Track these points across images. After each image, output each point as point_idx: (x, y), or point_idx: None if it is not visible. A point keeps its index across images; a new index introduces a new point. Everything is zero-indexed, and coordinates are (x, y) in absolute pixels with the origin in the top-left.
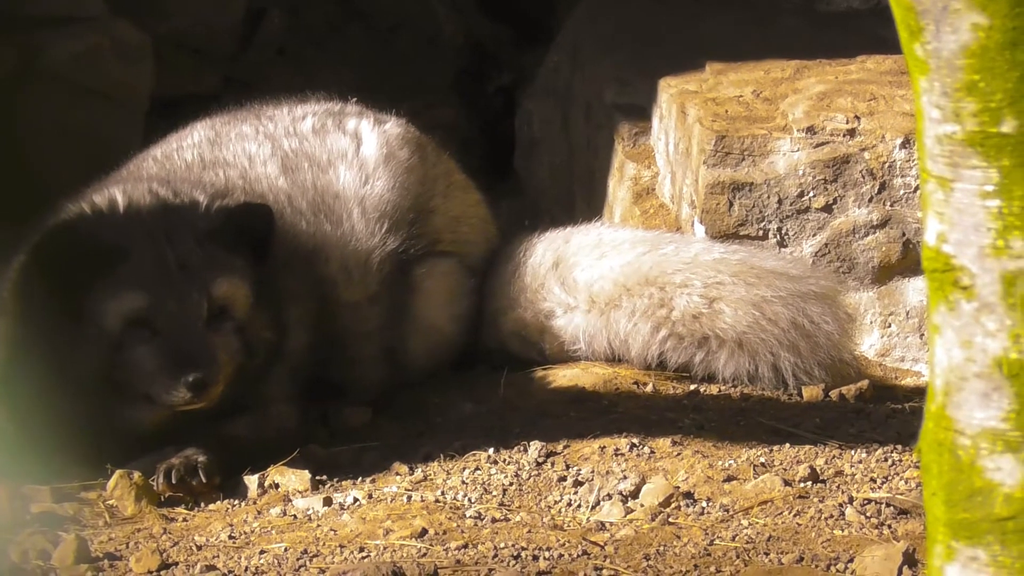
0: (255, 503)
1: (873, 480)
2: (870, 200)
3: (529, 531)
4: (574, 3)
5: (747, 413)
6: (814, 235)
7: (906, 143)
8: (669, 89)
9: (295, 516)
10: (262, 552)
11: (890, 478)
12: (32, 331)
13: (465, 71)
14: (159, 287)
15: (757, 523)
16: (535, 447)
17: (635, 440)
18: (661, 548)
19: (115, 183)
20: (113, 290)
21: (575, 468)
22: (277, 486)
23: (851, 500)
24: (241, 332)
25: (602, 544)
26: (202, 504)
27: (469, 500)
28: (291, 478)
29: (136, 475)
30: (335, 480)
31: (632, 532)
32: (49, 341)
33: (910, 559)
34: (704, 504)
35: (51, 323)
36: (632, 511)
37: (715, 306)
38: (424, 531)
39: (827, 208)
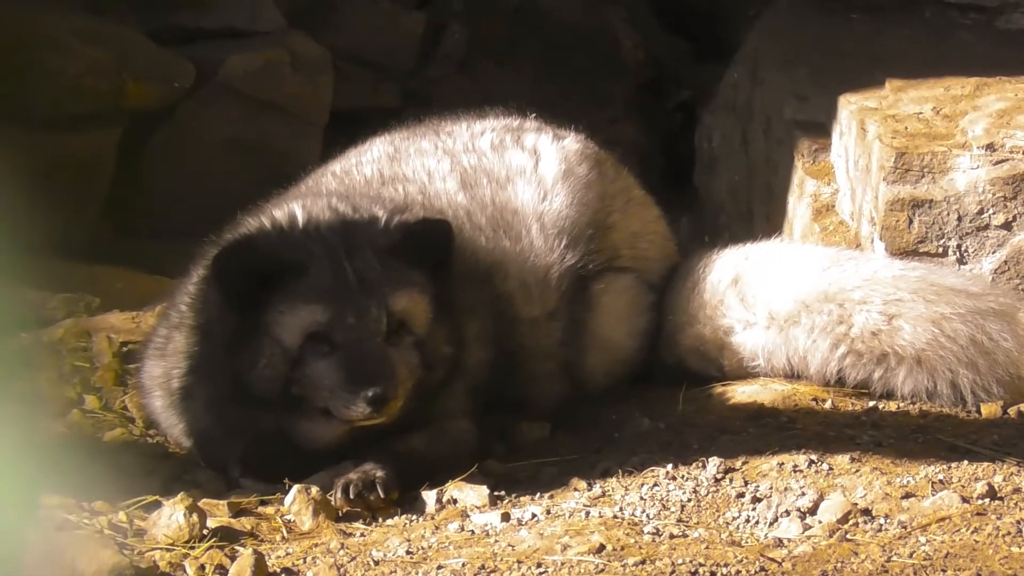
0: (433, 518)
1: None
2: None
3: (707, 547)
4: (753, 19)
5: (925, 430)
6: (994, 252)
7: None
8: (849, 105)
9: (473, 531)
10: (439, 568)
11: None
12: (210, 346)
13: (644, 87)
14: (338, 302)
15: (935, 540)
16: (713, 463)
17: (813, 456)
18: (839, 565)
19: (294, 198)
20: (292, 305)
21: (753, 484)
22: (455, 501)
23: None
24: (420, 347)
25: (779, 560)
26: (380, 519)
27: (647, 516)
28: (469, 493)
29: (314, 490)
30: (513, 495)
31: (810, 548)
32: (227, 356)
33: None
34: (882, 521)
35: (229, 337)
36: (810, 527)
37: (894, 323)
38: (602, 547)
39: (1007, 225)
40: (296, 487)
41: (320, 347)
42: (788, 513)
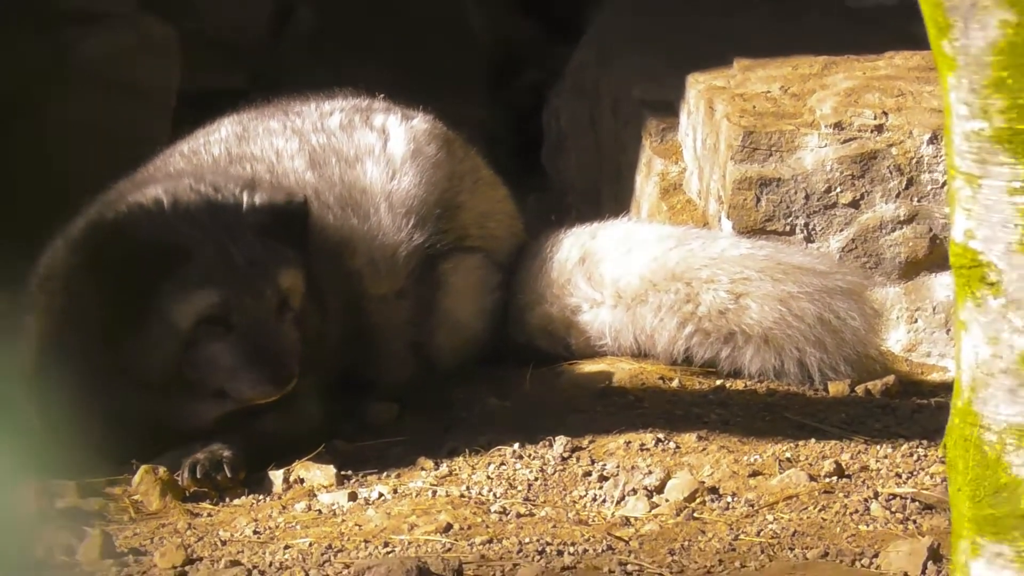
0: (280, 498)
1: (898, 475)
2: (897, 196)
3: (554, 526)
4: (603, 1)
5: (773, 408)
6: (841, 231)
7: (934, 139)
8: (697, 85)
9: (320, 511)
10: (287, 547)
11: (915, 473)
12: (78, 331)
13: (494, 68)
14: (231, 283)
15: (782, 518)
16: (560, 442)
17: (661, 435)
18: (686, 543)
19: (150, 181)
20: (183, 289)
21: (600, 463)
22: (302, 481)
23: (876, 495)
24: (298, 323)
25: (627, 539)
26: (227, 499)
27: (494, 495)
28: (316, 473)
29: (161, 470)
30: (360, 475)
31: (657, 527)
32: (102, 342)
33: (935, 554)
34: (729, 499)
35: (106, 325)
36: (657, 506)
37: (741, 302)
38: (449, 526)
39: (854, 204)
40: (143, 468)
41: (215, 329)
42: (635, 492)
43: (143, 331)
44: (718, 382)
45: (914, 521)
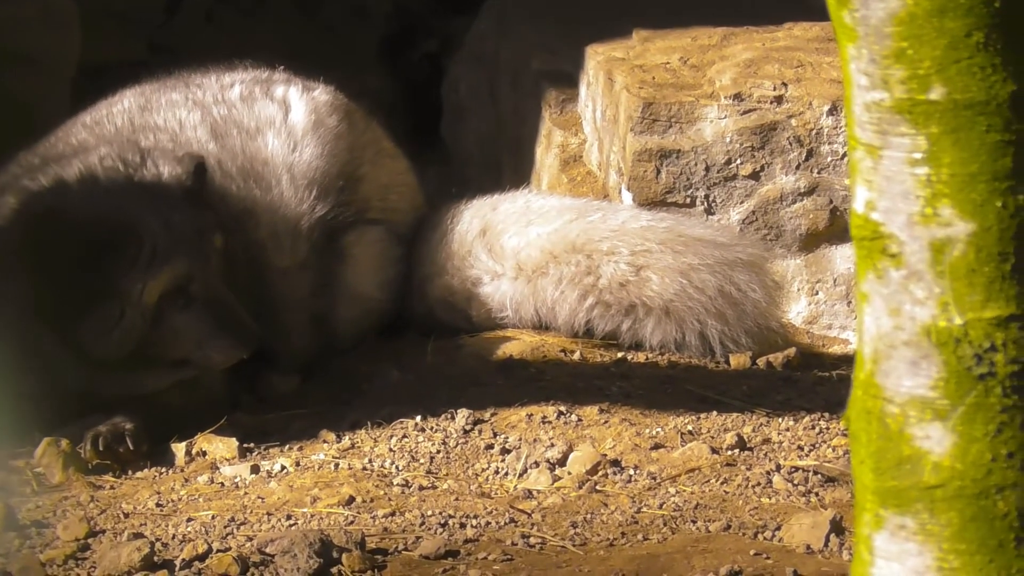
0: (182, 471)
1: (800, 448)
2: (797, 167)
3: (456, 499)
4: None
5: (674, 381)
6: (741, 203)
7: (833, 110)
8: (596, 56)
9: (222, 484)
10: (189, 520)
11: (818, 446)
12: (9, 311)
13: (392, 38)
14: (187, 253)
15: (684, 491)
16: (462, 415)
17: (562, 408)
18: (588, 516)
19: (58, 154)
20: (142, 266)
21: (502, 436)
22: (204, 454)
23: (778, 468)
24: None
25: (529, 512)
26: (130, 472)
27: (396, 468)
28: (218, 446)
29: (63, 442)
30: (262, 448)
31: (559, 500)
32: (32, 320)
33: (837, 527)
34: (631, 472)
35: (44, 304)
36: (559, 479)
37: (642, 274)
38: (351, 499)
39: (754, 175)
40: (45, 440)
41: (176, 301)
42: (537, 464)
43: (96, 310)
44: (619, 355)
45: (816, 494)
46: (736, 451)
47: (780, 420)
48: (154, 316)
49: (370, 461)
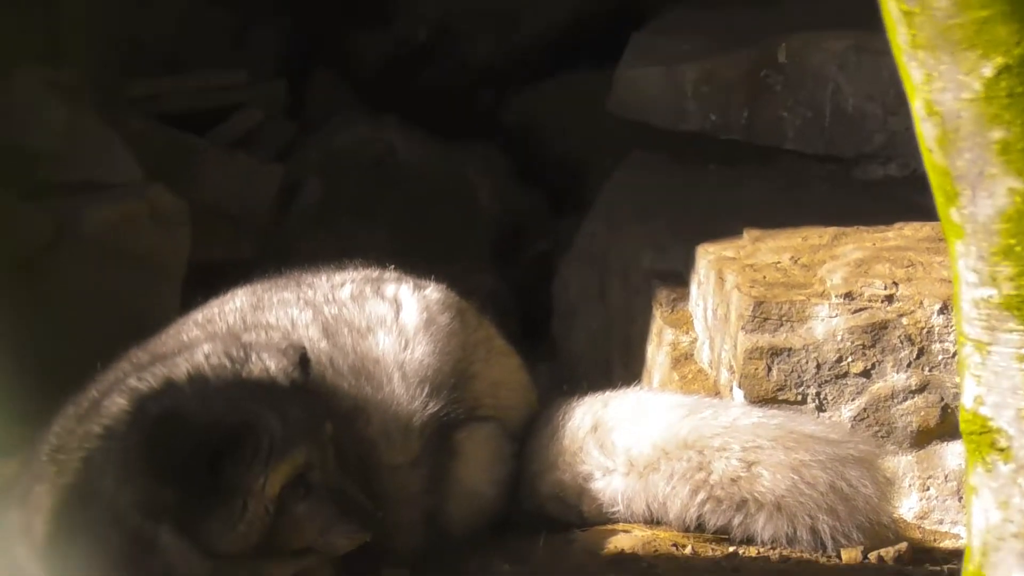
0: None
1: None
2: (908, 365)
3: None
4: (610, 171)
5: (786, 575)
6: (853, 400)
7: (944, 309)
8: (707, 255)
9: None
10: None
11: None
12: (101, 507)
13: (503, 238)
14: (305, 445)
15: None
16: None
17: None
18: None
19: (167, 352)
20: (261, 461)
21: None
22: None
23: None
24: None
25: None
26: None
27: None
28: None
29: None
30: None
31: None
32: (160, 523)
33: None
34: None
35: (166, 505)
36: None
37: (753, 470)
38: None
39: (865, 373)
40: None
41: (297, 490)
42: None
43: (220, 507)
44: (731, 549)
45: None
46: None
47: None
48: (276, 507)
49: None
